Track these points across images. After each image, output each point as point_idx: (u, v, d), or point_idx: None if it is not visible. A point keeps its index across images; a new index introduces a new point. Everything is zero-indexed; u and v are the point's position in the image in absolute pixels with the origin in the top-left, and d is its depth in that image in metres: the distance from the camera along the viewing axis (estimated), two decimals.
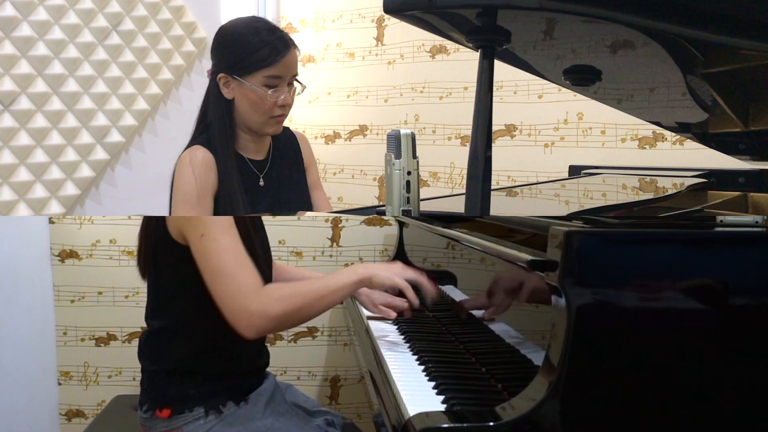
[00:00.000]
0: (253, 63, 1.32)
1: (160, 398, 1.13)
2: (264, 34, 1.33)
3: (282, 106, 1.37)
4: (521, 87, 2.16)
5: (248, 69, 1.33)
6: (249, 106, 1.36)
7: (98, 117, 2.08)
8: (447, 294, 1.32)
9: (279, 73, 1.34)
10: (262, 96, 1.33)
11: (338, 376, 2.02)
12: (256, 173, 1.42)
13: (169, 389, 1.13)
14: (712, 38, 0.83)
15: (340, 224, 1.97)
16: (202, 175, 1.33)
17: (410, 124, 2.46)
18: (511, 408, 0.73)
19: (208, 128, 1.38)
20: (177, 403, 1.12)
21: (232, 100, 1.37)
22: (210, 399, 1.12)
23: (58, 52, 1.98)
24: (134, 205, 2.14)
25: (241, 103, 1.36)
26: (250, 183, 1.40)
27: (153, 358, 1.17)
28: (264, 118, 1.37)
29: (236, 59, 1.33)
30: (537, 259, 0.76)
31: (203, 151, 1.35)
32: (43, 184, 1.97)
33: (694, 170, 1.59)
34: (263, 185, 1.43)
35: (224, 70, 1.35)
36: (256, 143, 1.43)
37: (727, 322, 0.73)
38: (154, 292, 1.18)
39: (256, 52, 1.32)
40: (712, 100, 1.15)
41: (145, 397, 1.17)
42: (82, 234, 1.91)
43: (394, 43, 2.51)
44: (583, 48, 1.00)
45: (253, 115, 1.37)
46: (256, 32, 1.33)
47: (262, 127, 1.39)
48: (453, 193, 2.24)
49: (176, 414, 1.12)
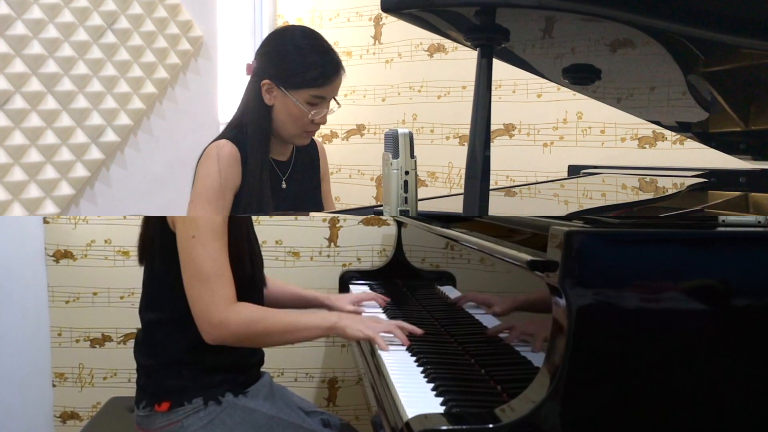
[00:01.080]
0: (303, 81, 1.34)
1: (158, 392, 1.14)
2: (318, 54, 1.35)
3: (317, 123, 1.40)
4: (520, 86, 2.16)
5: (296, 85, 1.35)
6: (287, 118, 1.38)
7: (93, 116, 2.07)
8: (446, 295, 1.32)
9: (324, 95, 1.37)
10: (304, 112, 1.36)
11: (336, 378, 2.02)
12: (279, 175, 1.45)
13: (167, 381, 1.14)
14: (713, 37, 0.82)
15: (337, 224, 1.96)
16: (227, 170, 1.35)
17: (408, 124, 2.45)
18: (511, 410, 0.73)
19: (243, 126, 1.40)
20: (175, 395, 1.13)
21: (272, 106, 1.39)
22: (208, 390, 1.13)
23: (53, 50, 1.97)
24: (129, 205, 2.13)
25: (279, 112, 1.39)
26: (274, 184, 1.43)
27: (149, 353, 1.18)
28: (298, 132, 1.40)
29: (287, 72, 1.35)
30: (537, 260, 0.75)
31: (231, 146, 1.36)
32: (38, 183, 1.96)
33: (695, 170, 1.59)
34: (285, 188, 1.45)
35: (271, 78, 1.36)
36: (280, 146, 1.46)
37: (729, 323, 0.73)
38: (150, 284, 1.20)
39: (309, 70, 1.34)
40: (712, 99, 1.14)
41: (142, 394, 1.17)
42: (76, 234, 1.90)
43: (391, 42, 2.50)
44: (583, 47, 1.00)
45: (288, 127, 1.40)
46: (313, 50, 1.36)
47: (293, 138, 1.43)
48: (451, 193, 2.24)
49: (175, 406, 1.12)
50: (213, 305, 1.06)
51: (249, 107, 1.40)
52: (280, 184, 1.44)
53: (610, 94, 1.23)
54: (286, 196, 1.45)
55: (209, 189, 1.34)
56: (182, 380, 1.13)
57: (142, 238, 1.20)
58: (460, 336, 1.16)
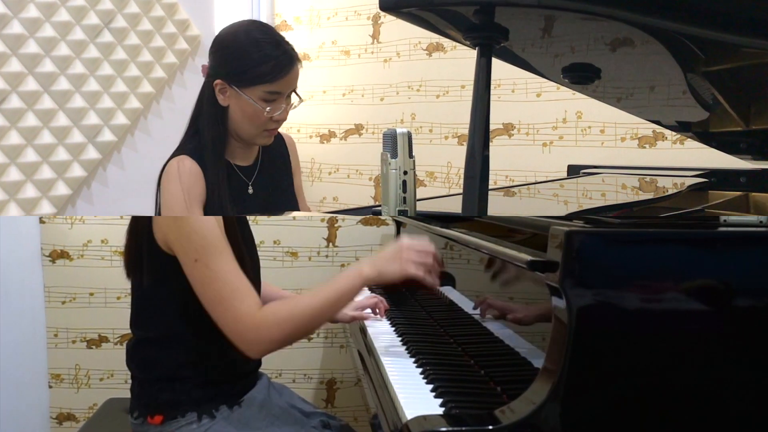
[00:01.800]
0: (254, 77, 1.28)
1: (152, 405, 1.12)
2: (268, 48, 1.28)
3: (277, 120, 1.34)
4: (519, 85, 2.15)
5: (248, 82, 1.28)
6: (243, 118, 1.32)
7: (90, 116, 2.07)
8: (445, 295, 1.32)
9: (279, 90, 1.31)
10: (259, 110, 1.30)
11: (334, 379, 2.01)
12: (245, 180, 1.39)
13: (160, 395, 1.12)
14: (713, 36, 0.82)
15: (336, 224, 1.95)
16: (190, 187, 1.29)
17: (407, 123, 2.45)
18: (511, 411, 0.72)
19: (199, 133, 1.35)
20: (169, 409, 1.11)
21: (227, 106, 1.33)
22: (203, 404, 1.11)
23: (49, 50, 1.97)
24: (126, 205, 2.12)
25: (235, 112, 1.33)
26: (239, 191, 1.38)
27: (141, 367, 1.16)
28: (257, 131, 1.34)
29: (236, 70, 1.29)
30: (537, 260, 0.75)
31: (190, 162, 1.31)
32: (34, 183, 1.95)
33: (695, 170, 1.59)
34: (252, 193, 1.40)
35: (222, 77, 1.31)
36: (244, 149, 1.40)
37: (731, 324, 0.72)
38: (139, 301, 1.17)
39: (258, 66, 1.27)
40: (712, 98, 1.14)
41: (136, 404, 1.16)
42: (73, 234, 1.89)
43: (390, 41, 2.50)
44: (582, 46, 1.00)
45: (246, 127, 1.34)
46: (259, 45, 1.28)
47: (253, 138, 1.36)
48: (450, 193, 2.24)
49: (168, 420, 1.11)
50: (241, 325, 1.00)
51: (203, 111, 1.34)
52: (246, 190, 1.39)
53: (609, 93, 1.23)
54: (253, 202, 1.39)
55: (174, 209, 1.29)
56: (175, 394, 1.11)
57: (128, 251, 1.15)
58: (459, 337, 1.16)
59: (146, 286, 1.13)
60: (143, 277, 1.12)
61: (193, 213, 1.30)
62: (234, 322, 1.00)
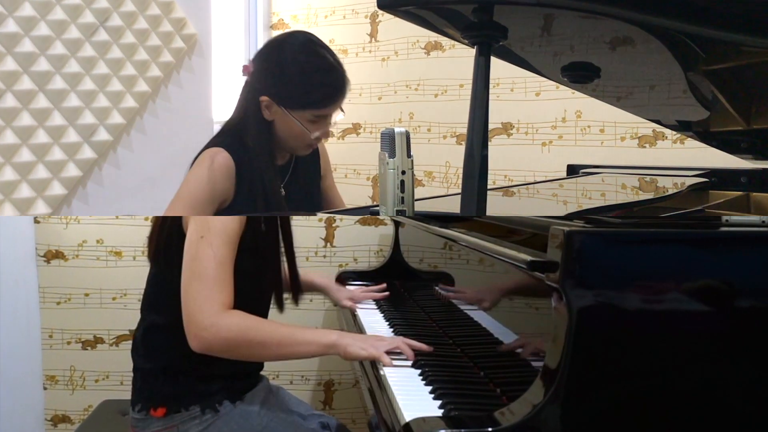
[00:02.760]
0: (306, 103, 1.27)
1: (155, 397, 1.13)
2: (322, 75, 1.26)
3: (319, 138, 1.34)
4: (518, 84, 2.15)
5: (298, 106, 1.27)
6: (289, 135, 1.31)
7: (85, 115, 2.06)
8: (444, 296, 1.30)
9: (328, 113, 1.30)
10: (306, 132, 1.29)
11: (332, 381, 2.00)
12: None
13: (164, 387, 1.12)
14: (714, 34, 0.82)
15: (334, 224, 1.94)
16: (219, 182, 1.28)
17: (405, 123, 2.44)
18: (510, 413, 0.72)
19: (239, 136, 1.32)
20: (172, 402, 1.11)
21: (271, 121, 1.31)
22: (206, 398, 1.12)
23: (45, 48, 1.96)
24: (122, 205, 2.11)
25: (281, 128, 1.32)
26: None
27: (148, 355, 1.16)
28: (300, 146, 1.34)
29: (288, 93, 1.27)
30: (537, 260, 0.75)
31: (226, 157, 1.30)
32: (29, 183, 1.94)
33: (695, 169, 1.58)
34: (284, 194, 1.40)
35: (271, 96, 1.28)
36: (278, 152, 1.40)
37: (733, 324, 0.72)
38: (157, 285, 1.17)
39: (312, 92, 1.26)
40: (713, 97, 1.14)
41: (138, 397, 1.16)
42: (68, 234, 1.88)
43: (388, 40, 2.49)
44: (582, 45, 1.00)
45: (290, 142, 1.34)
46: (316, 69, 1.26)
47: (295, 150, 1.37)
48: (448, 192, 2.23)
49: (172, 413, 1.11)
50: (207, 306, 1.01)
51: (249, 120, 1.32)
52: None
53: (609, 92, 1.24)
54: (286, 203, 1.39)
55: (194, 195, 1.27)
56: (179, 387, 1.12)
57: (155, 236, 1.16)
58: (458, 338, 1.15)
59: (162, 268, 1.14)
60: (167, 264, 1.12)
61: (209, 208, 1.29)
62: (202, 301, 1.01)
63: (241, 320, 1.03)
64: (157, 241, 1.15)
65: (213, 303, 1.01)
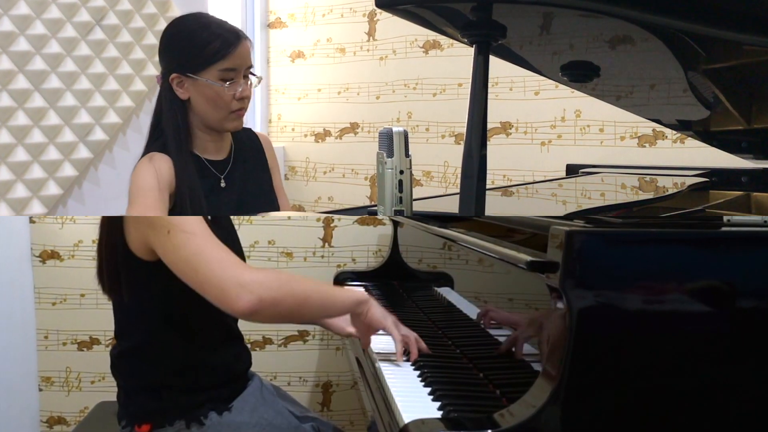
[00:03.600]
0: (206, 58, 1.29)
1: (139, 413, 1.11)
2: (213, 28, 1.30)
3: (240, 99, 1.33)
4: (517, 83, 2.14)
5: (202, 65, 1.29)
6: (206, 103, 1.32)
7: (81, 114, 2.05)
8: (443, 296, 1.30)
9: (233, 66, 1.31)
10: (219, 90, 1.30)
11: (330, 382, 2.00)
12: (216, 174, 1.38)
13: (147, 404, 1.10)
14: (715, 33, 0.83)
15: (332, 224, 1.93)
16: (163, 173, 1.29)
17: (403, 122, 2.43)
18: (510, 415, 0.71)
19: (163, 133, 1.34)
20: (156, 418, 1.09)
21: (187, 100, 1.33)
22: (190, 411, 1.10)
23: (40, 47, 1.95)
24: (118, 205, 2.09)
25: (197, 101, 1.33)
26: (211, 185, 1.36)
27: (126, 376, 1.14)
28: (223, 114, 1.33)
29: (188, 56, 1.30)
30: (537, 260, 0.75)
31: (161, 155, 1.31)
32: (25, 183, 1.93)
33: (696, 169, 1.58)
34: (225, 186, 1.38)
35: (176, 69, 1.31)
36: (215, 143, 1.39)
37: (735, 325, 0.72)
38: (121, 312, 1.14)
39: (207, 45, 1.29)
40: (714, 97, 1.14)
41: (123, 412, 1.14)
42: (63, 234, 1.87)
43: (386, 39, 2.48)
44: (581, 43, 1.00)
45: (211, 112, 1.33)
46: (204, 26, 1.31)
47: (222, 123, 1.35)
48: (447, 192, 2.23)
49: (156, 428, 1.09)
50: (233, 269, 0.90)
51: (164, 110, 1.33)
52: (218, 184, 1.37)
53: (609, 91, 1.24)
54: (227, 196, 1.38)
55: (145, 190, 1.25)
56: (162, 403, 1.09)
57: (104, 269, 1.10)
58: (457, 339, 1.15)
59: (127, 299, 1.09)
60: (123, 290, 1.08)
61: (165, 196, 1.26)
62: (225, 268, 0.90)
63: (276, 272, 0.98)
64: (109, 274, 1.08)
65: (236, 264, 0.92)
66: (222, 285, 0.91)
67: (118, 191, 2.13)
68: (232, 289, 0.90)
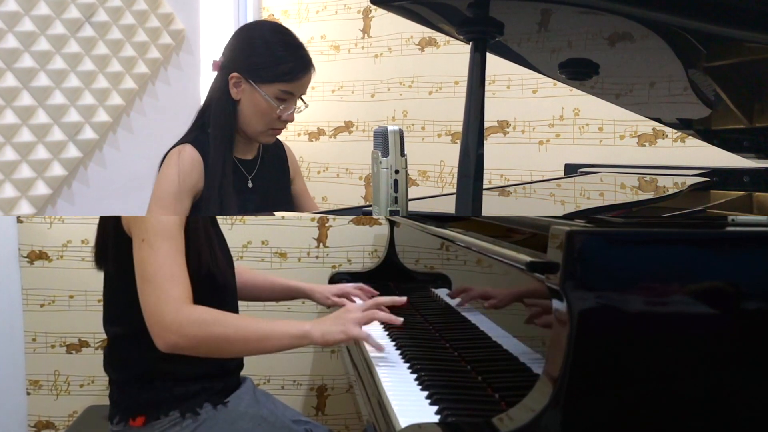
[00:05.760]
0: (275, 74, 1.35)
1: (132, 406, 1.11)
2: (292, 49, 1.37)
3: (284, 120, 1.40)
4: (515, 81, 2.13)
5: (268, 78, 1.35)
6: (254, 113, 1.38)
7: (70, 113, 2.04)
8: (440, 298, 1.30)
9: (294, 90, 1.38)
10: (272, 107, 1.37)
11: (325, 385, 1.99)
12: (245, 174, 1.44)
13: (141, 395, 1.11)
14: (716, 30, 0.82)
15: (327, 224, 1.92)
16: (187, 174, 1.34)
17: (398, 121, 2.42)
18: (509, 419, 0.71)
19: (205, 126, 1.39)
20: (150, 409, 1.10)
21: (238, 101, 1.38)
22: (185, 401, 1.10)
23: (28, 44, 1.93)
24: (108, 205, 2.09)
25: (246, 107, 1.38)
26: (239, 184, 1.42)
27: (119, 367, 1.15)
28: (264, 128, 1.40)
29: (259, 65, 1.35)
30: (536, 261, 0.74)
31: (192, 150, 1.36)
32: (13, 183, 1.91)
33: (696, 169, 1.57)
34: (252, 187, 1.44)
35: (241, 71, 1.36)
36: (245, 144, 1.46)
37: (739, 327, 0.70)
38: (110, 295, 1.17)
39: (281, 64, 1.35)
40: (715, 95, 1.14)
41: (116, 409, 1.14)
42: (52, 234, 1.86)
43: (381, 36, 2.47)
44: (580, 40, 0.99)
45: (254, 122, 1.39)
46: (285, 45, 1.37)
47: (258, 134, 1.42)
48: (443, 192, 2.22)
49: (151, 420, 1.10)
50: (163, 305, 1.00)
51: (214, 102, 1.39)
52: (245, 184, 1.43)
53: (608, 89, 1.24)
54: (252, 196, 1.44)
55: (165, 192, 1.33)
56: (156, 393, 1.10)
57: (98, 241, 1.17)
58: (455, 342, 1.14)
59: (112, 275, 1.13)
60: (108, 266, 1.13)
61: (183, 201, 1.33)
62: (157, 303, 1.00)
63: (204, 314, 1.02)
64: (100, 246, 1.16)
65: (169, 300, 1.01)
66: (152, 318, 1.01)
67: (108, 191, 2.12)
68: (155, 326, 1.01)
